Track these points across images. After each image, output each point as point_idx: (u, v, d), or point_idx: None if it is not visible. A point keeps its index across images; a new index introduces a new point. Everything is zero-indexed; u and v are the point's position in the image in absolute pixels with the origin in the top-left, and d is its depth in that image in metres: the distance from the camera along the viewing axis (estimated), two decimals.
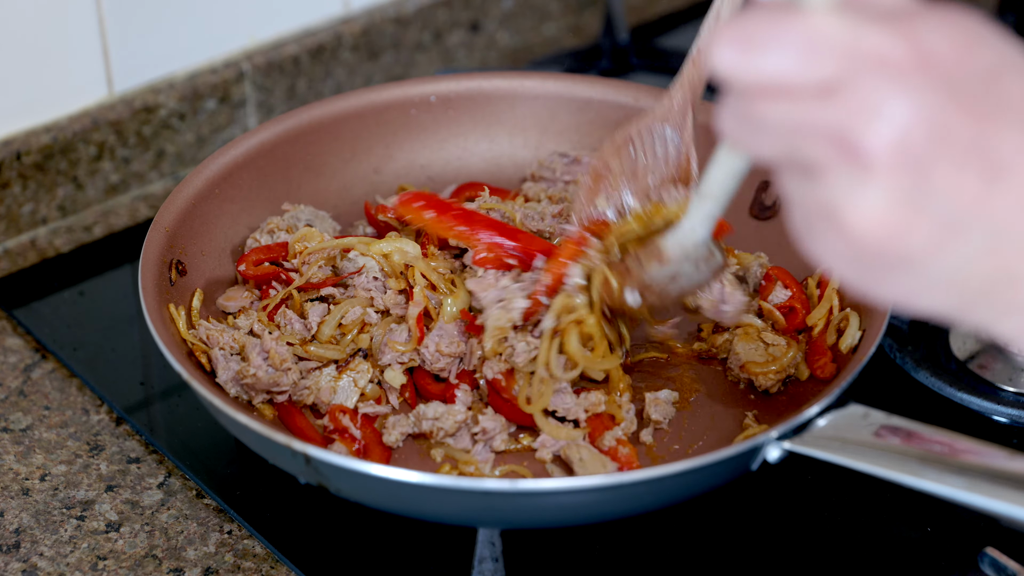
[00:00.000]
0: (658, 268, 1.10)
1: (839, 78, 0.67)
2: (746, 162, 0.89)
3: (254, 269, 1.25)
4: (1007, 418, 1.22)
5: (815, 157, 0.68)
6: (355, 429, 1.13)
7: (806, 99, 0.68)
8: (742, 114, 0.71)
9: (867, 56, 0.66)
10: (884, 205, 0.67)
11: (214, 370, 1.15)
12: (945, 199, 0.67)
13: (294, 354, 1.17)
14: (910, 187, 0.67)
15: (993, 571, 1.07)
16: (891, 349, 1.28)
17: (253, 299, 1.24)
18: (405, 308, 1.20)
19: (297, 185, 1.36)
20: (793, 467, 1.06)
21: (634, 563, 1.11)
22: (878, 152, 0.66)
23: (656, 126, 1.23)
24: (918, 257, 0.68)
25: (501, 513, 1.03)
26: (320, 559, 1.11)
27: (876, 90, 0.66)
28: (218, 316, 1.23)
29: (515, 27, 1.82)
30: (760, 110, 0.69)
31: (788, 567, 1.11)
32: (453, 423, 1.13)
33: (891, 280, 0.70)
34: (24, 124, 1.47)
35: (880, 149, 0.66)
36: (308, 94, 1.64)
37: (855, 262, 0.70)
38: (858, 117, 0.66)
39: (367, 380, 1.17)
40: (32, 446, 1.23)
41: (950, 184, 0.67)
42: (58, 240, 1.49)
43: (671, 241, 1.08)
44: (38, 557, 1.12)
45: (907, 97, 0.66)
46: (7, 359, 1.33)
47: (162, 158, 1.56)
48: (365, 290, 1.21)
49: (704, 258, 1.08)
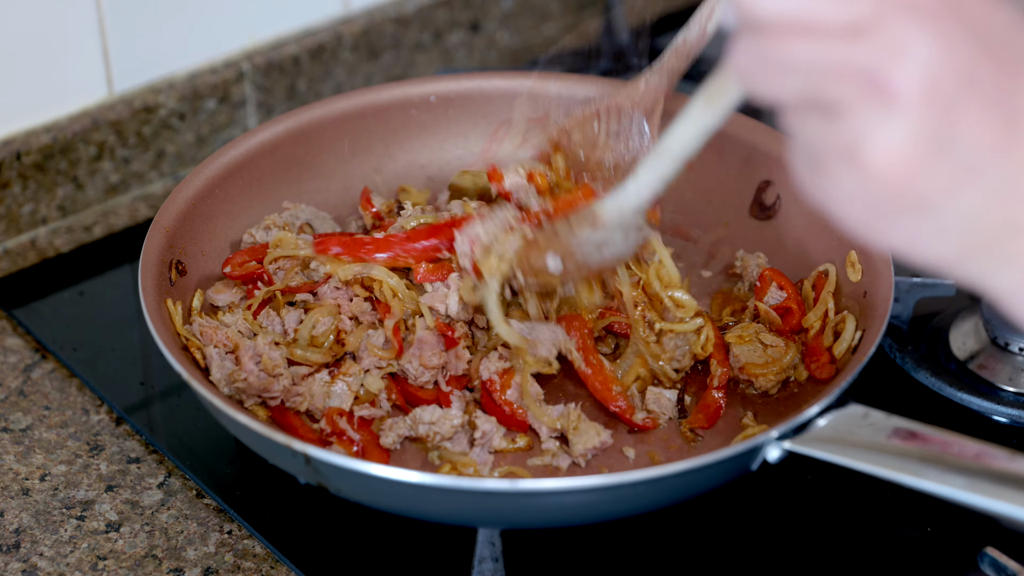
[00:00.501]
0: (589, 233, 1.06)
1: (869, 18, 0.67)
2: (719, 119, 0.87)
3: (239, 269, 1.24)
4: (1007, 418, 1.22)
5: (839, 96, 0.69)
6: (352, 432, 1.13)
7: (835, 37, 0.68)
8: (763, 52, 0.71)
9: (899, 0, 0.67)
10: (909, 143, 0.68)
11: (208, 367, 1.15)
12: (968, 142, 0.68)
13: (286, 358, 1.17)
14: (936, 128, 0.67)
15: (993, 571, 1.07)
16: (891, 349, 1.28)
17: (241, 295, 1.24)
18: (373, 314, 1.20)
19: (297, 185, 1.36)
20: (793, 467, 1.06)
21: (634, 563, 1.11)
22: (907, 90, 0.67)
23: (625, 107, 1.22)
24: (933, 199, 0.69)
25: (501, 513, 1.03)
26: (320, 559, 1.11)
27: (907, 31, 0.67)
28: (209, 311, 1.23)
29: (515, 27, 1.82)
30: (785, 47, 0.69)
31: (788, 567, 1.11)
32: (450, 427, 1.13)
33: (900, 224, 0.71)
34: (24, 124, 1.47)
35: (910, 87, 0.67)
36: (308, 94, 1.64)
37: (868, 204, 0.71)
38: (888, 56, 0.67)
39: (360, 384, 1.17)
40: (32, 446, 1.23)
41: (974, 128, 0.68)
42: (58, 240, 1.49)
43: (610, 204, 1.05)
44: (38, 557, 1.12)
45: (937, 40, 0.67)
46: (7, 359, 1.33)
47: (162, 158, 1.56)
48: (332, 299, 1.21)
49: (636, 227, 1.06)
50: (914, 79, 0.67)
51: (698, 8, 1.24)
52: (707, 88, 0.87)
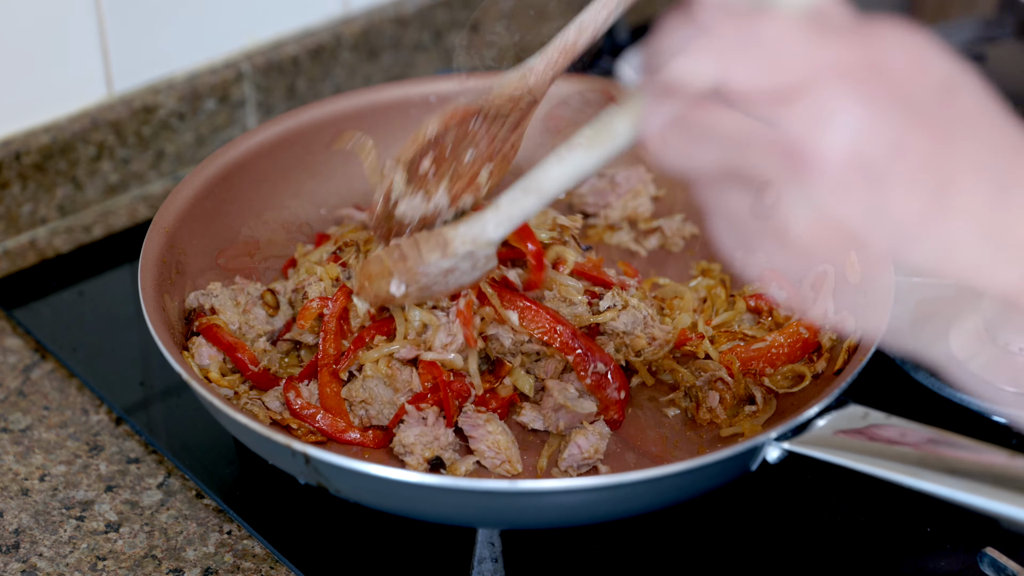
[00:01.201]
0: (438, 259, 1.02)
1: (794, 85, 0.65)
2: (599, 163, 0.82)
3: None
4: (1007, 418, 1.22)
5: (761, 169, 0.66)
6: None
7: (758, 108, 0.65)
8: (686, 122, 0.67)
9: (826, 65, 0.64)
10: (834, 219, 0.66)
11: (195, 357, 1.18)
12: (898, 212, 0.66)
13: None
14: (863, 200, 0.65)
15: (993, 571, 1.07)
16: None
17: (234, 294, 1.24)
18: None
19: (297, 185, 1.36)
20: (793, 467, 1.06)
21: (634, 563, 1.11)
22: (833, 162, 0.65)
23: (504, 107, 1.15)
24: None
25: (501, 513, 1.03)
26: (320, 559, 1.11)
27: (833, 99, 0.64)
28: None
29: (515, 27, 1.82)
30: (707, 119, 0.66)
31: (788, 567, 1.11)
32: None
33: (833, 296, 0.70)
34: (23, 124, 1.47)
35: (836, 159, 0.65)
36: (308, 94, 1.64)
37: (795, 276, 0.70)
38: (813, 126, 0.64)
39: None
40: (31, 446, 1.23)
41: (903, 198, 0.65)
42: (57, 240, 1.49)
43: (464, 232, 1.00)
44: (37, 557, 1.12)
45: (864, 108, 0.64)
46: (7, 359, 1.33)
47: (162, 158, 1.56)
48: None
49: (486, 257, 1.01)
50: (840, 150, 0.64)
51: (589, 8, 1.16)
52: (591, 129, 0.81)
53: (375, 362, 1.14)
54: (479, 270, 1.04)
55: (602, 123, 0.81)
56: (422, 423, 1.11)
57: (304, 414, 1.13)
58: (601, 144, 0.81)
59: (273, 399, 1.15)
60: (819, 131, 0.64)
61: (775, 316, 1.22)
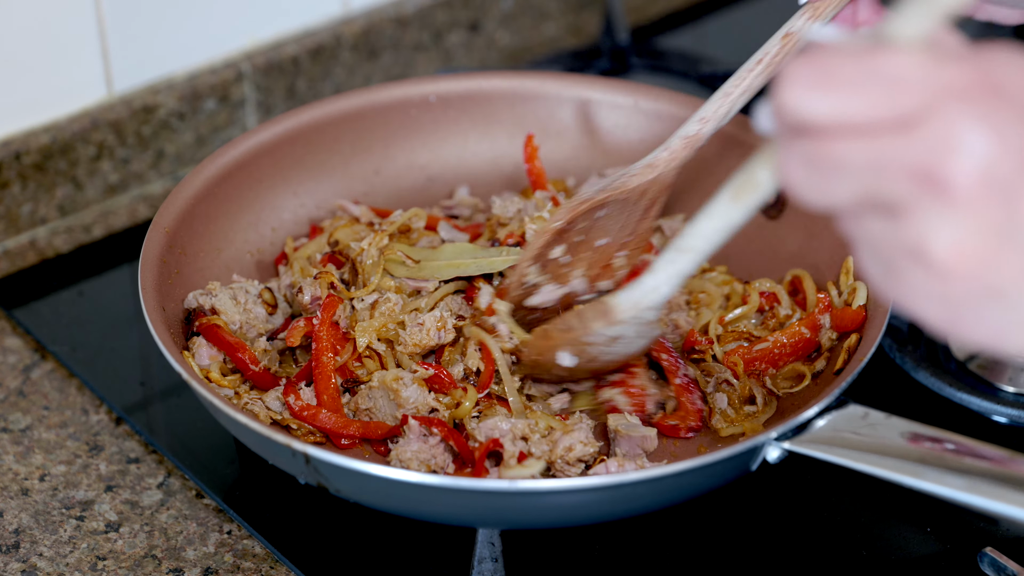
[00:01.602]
0: (603, 327, 1.03)
1: (917, 111, 0.66)
2: (747, 215, 0.84)
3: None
4: (1007, 418, 1.22)
5: (897, 195, 0.67)
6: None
7: (885, 134, 0.67)
8: (812, 157, 0.69)
9: (945, 89, 0.66)
10: (974, 236, 0.67)
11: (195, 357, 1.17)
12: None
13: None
14: (998, 217, 0.66)
15: (993, 571, 1.07)
16: (891, 349, 1.28)
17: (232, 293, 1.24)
18: None
19: (297, 185, 1.36)
20: (793, 467, 1.06)
21: (634, 563, 1.11)
22: (965, 183, 0.66)
23: (631, 197, 1.19)
24: (1009, 289, 0.67)
25: (501, 513, 1.03)
26: (320, 559, 1.11)
27: (957, 121, 0.66)
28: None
29: (515, 27, 1.82)
30: (837, 151, 0.68)
31: (788, 567, 1.11)
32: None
33: (982, 318, 0.69)
34: (23, 124, 1.47)
35: (967, 180, 0.66)
36: (308, 94, 1.64)
37: (944, 300, 0.69)
38: (942, 149, 0.66)
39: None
40: (31, 446, 1.23)
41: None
42: (57, 240, 1.49)
43: (624, 298, 1.02)
44: (37, 557, 1.12)
45: (988, 127, 0.66)
46: (7, 359, 1.33)
47: (162, 158, 1.56)
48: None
49: (649, 323, 1.03)
50: (970, 171, 0.66)
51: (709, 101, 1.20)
52: (735, 182, 0.84)
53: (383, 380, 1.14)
54: (645, 337, 1.05)
55: (745, 175, 0.83)
56: (422, 439, 1.11)
57: (305, 415, 1.13)
58: (747, 196, 0.83)
59: (273, 399, 1.15)
60: (949, 153, 0.66)
61: (777, 315, 1.22)
